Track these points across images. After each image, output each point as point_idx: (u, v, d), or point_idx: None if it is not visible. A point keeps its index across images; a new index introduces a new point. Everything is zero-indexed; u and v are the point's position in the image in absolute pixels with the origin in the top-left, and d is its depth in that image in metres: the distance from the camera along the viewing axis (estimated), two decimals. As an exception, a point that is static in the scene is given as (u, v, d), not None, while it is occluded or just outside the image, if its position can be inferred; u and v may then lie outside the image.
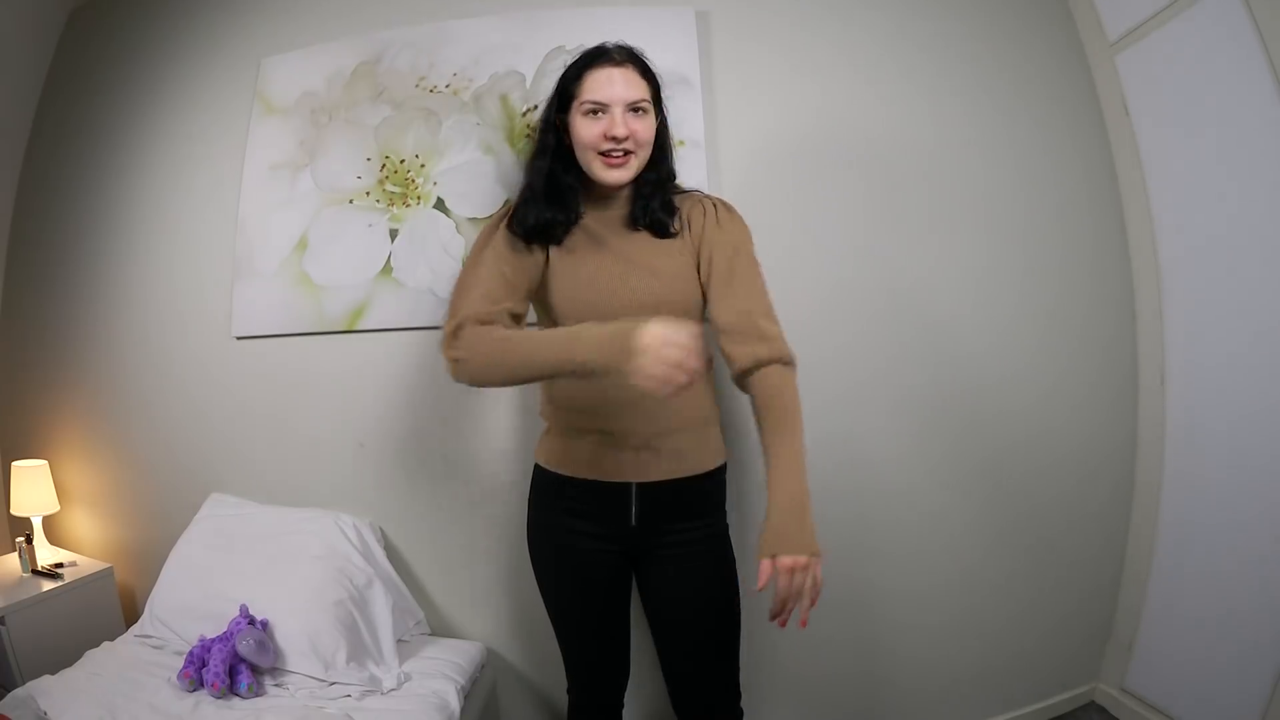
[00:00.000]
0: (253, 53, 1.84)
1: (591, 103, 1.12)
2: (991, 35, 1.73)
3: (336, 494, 1.78)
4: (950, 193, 1.70)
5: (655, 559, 1.23)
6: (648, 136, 1.15)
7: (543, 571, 1.30)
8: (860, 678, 1.74)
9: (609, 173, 1.14)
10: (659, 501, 1.20)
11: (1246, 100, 1.45)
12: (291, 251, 1.75)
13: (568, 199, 1.18)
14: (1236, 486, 1.55)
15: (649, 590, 1.27)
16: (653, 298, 1.14)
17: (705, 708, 1.27)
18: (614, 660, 1.33)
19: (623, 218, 1.20)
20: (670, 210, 1.20)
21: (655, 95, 1.18)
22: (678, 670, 1.27)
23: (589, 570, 1.24)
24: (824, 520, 1.66)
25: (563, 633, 1.32)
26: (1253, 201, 1.48)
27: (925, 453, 1.70)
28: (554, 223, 1.17)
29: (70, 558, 1.92)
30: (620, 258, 1.18)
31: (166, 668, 1.47)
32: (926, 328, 1.68)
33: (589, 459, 1.20)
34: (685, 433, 1.20)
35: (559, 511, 1.24)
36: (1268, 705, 1.45)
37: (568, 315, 1.17)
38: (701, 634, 1.24)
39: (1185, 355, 1.68)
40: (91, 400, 1.97)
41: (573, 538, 1.23)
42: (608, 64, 1.14)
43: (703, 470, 1.22)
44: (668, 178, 1.23)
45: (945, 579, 1.73)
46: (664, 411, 1.15)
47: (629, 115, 1.12)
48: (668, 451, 1.18)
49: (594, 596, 1.26)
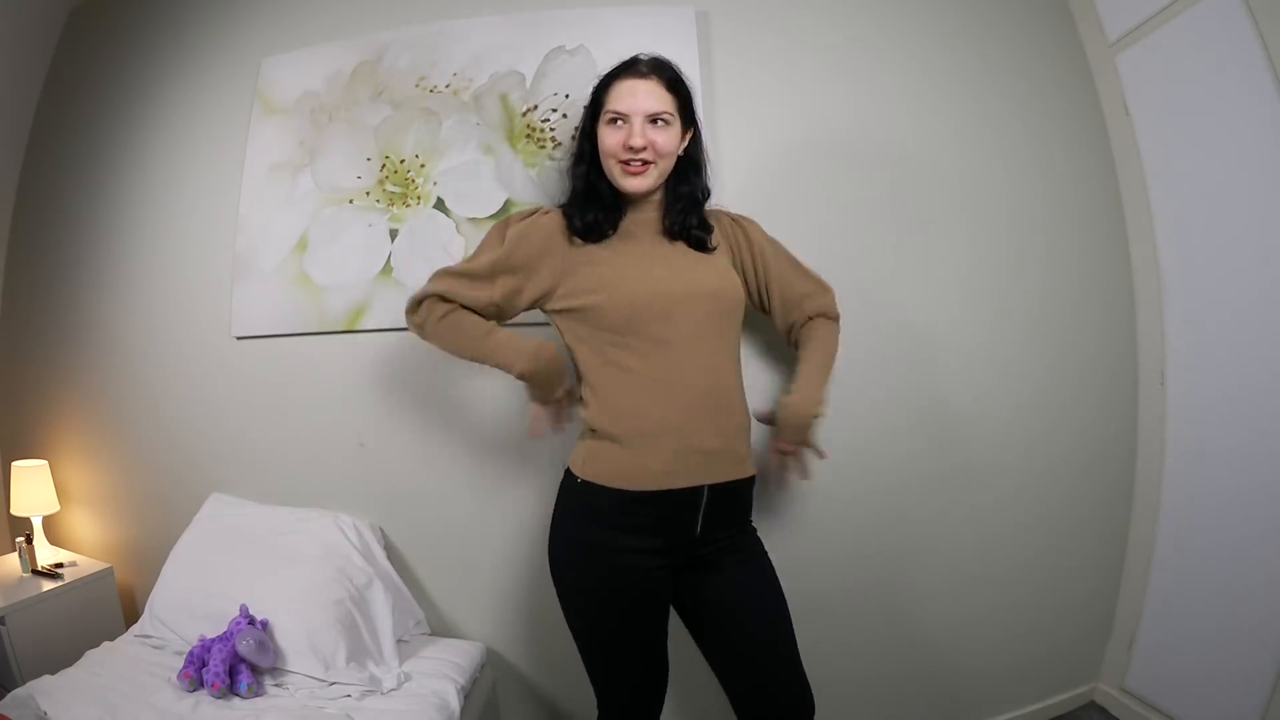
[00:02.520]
0: (253, 53, 1.84)
1: (613, 112, 1.19)
2: (992, 35, 1.73)
3: (336, 494, 1.77)
4: (950, 192, 1.70)
5: (707, 566, 1.21)
6: (668, 148, 1.20)
7: (583, 595, 1.21)
8: (859, 678, 1.73)
9: (627, 180, 1.20)
10: (721, 505, 1.19)
11: (1246, 100, 1.45)
12: (291, 251, 1.75)
13: (606, 201, 1.24)
14: (1236, 486, 1.55)
15: (706, 599, 1.22)
16: (707, 286, 1.20)
17: (783, 705, 1.20)
18: (658, 677, 1.27)
19: (658, 227, 1.26)
20: (707, 229, 1.27)
21: (683, 108, 1.22)
22: (750, 673, 1.20)
23: (646, 586, 1.18)
24: (823, 519, 1.68)
25: (602, 657, 1.24)
26: (1253, 201, 1.48)
27: (923, 453, 1.70)
28: (600, 222, 1.22)
29: (70, 558, 1.92)
30: (665, 255, 1.23)
31: (166, 668, 1.47)
32: (926, 327, 1.68)
33: (664, 468, 1.14)
34: (742, 437, 1.23)
35: (618, 530, 1.16)
36: (1267, 705, 1.45)
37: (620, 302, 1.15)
38: (773, 635, 1.21)
39: (1185, 355, 1.68)
40: (91, 400, 1.97)
41: (632, 556, 1.16)
42: (633, 75, 1.19)
43: (748, 475, 1.25)
44: (703, 195, 1.29)
45: (945, 579, 1.73)
46: (732, 411, 1.21)
47: (649, 126, 1.17)
48: (734, 454, 1.20)
49: (645, 615, 1.20)
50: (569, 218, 1.23)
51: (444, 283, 1.22)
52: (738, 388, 1.24)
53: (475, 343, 1.21)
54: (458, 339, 1.22)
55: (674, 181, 1.26)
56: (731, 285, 1.24)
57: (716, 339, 1.20)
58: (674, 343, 1.15)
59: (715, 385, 1.18)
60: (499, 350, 1.20)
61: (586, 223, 1.21)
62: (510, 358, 1.19)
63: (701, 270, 1.23)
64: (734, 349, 1.24)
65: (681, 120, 1.22)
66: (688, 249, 1.25)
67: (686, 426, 1.15)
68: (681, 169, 1.25)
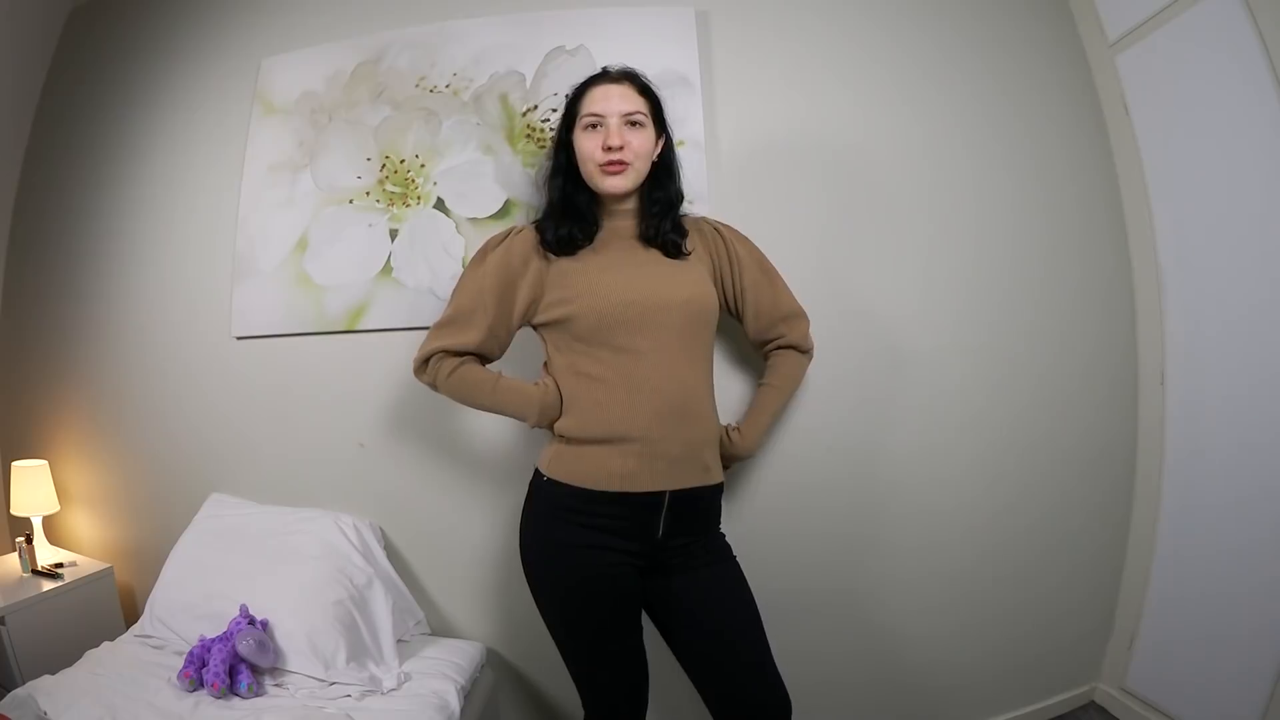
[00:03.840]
0: (253, 53, 1.84)
1: (590, 115, 1.23)
2: (992, 35, 1.73)
3: (336, 494, 1.78)
4: (949, 192, 1.69)
5: (674, 569, 1.22)
6: (643, 148, 1.24)
7: (558, 595, 1.23)
8: (859, 679, 1.73)
9: (607, 181, 1.23)
10: (684, 511, 1.21)
11: (1246, 100, 1.45)
12: (291, 251, 1.75)
13: (584, 213, 1.27)
14: (1236, 486, 1.55)
15: (674, 601, 1.23)
16: (679, 296, 1.21)
17: (754, 706, 1.20)
18: (634, 671, 1.26)
19: (635, 234, 1.28)
20: (681, 232, 1.30)
21: (654, 112, 1.27)
22: (721, 674, 1.21)
23: (611, 582, 1.20)
24: (820, 518, 1.68)
25: (574, 650, 1.25)
26: (1252, 201, 1.48)
27: (922, 453, 1.70)
28: (573, 235, 1.25)
29: (70, 558, 1.92)
30: (640, 265, 1.25)
31: (166, 668, 1.47)
32: (925, 326, 1.68)
33: (623, 471, 1.17)
34: (708, 445, 1.25)
35: (583, 528, 1.19)
36: (1267, 705, 1.45)
37: (590, 313, 1.18)
38: (747, 636, 1.22)
39: (1185, 355, 1.68)
40: (91, 400, 1.97)
41: (595, 553, 1.19)
42: (605, 81, 1.25)
43: (716, 482, 1.27)
44: (677, 199, 1.31)
45: (945, 580, 1.73)
46: (697, 422, 1.22)
47: (625, 128, 1.22)
48: (698, 462, 1.22)
49: (612, 610, 1.22)
50: (542, 232, 1.27)
51: (439, 338, 1.29)
52: (706, 396, 1.26)
53: (484, 397, 1.29)
54: (466, 394, 1.30)
55: (649, 187, 1.29)
56: (704, 295, 1.25)
57: (686, 349, 1.21)
58: (642, 352, 1.18)
59: (682, 394, 1.20)
60: (507, 405, 1.27)
61: (559, 236, 1.25)
62: (520, 410, 1.26)
63: (676, 279, 1.24)
64: (705, 358, 1.25)
65: (654, 125, 1.27)
66: (663, 257, 1.27)
67: (650, 434, 1.17)
68: (656, 175, 1.29)
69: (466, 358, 1.29)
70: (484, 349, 1.29)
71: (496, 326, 1.27)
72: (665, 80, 1.62)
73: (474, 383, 1.28)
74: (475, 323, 1.27)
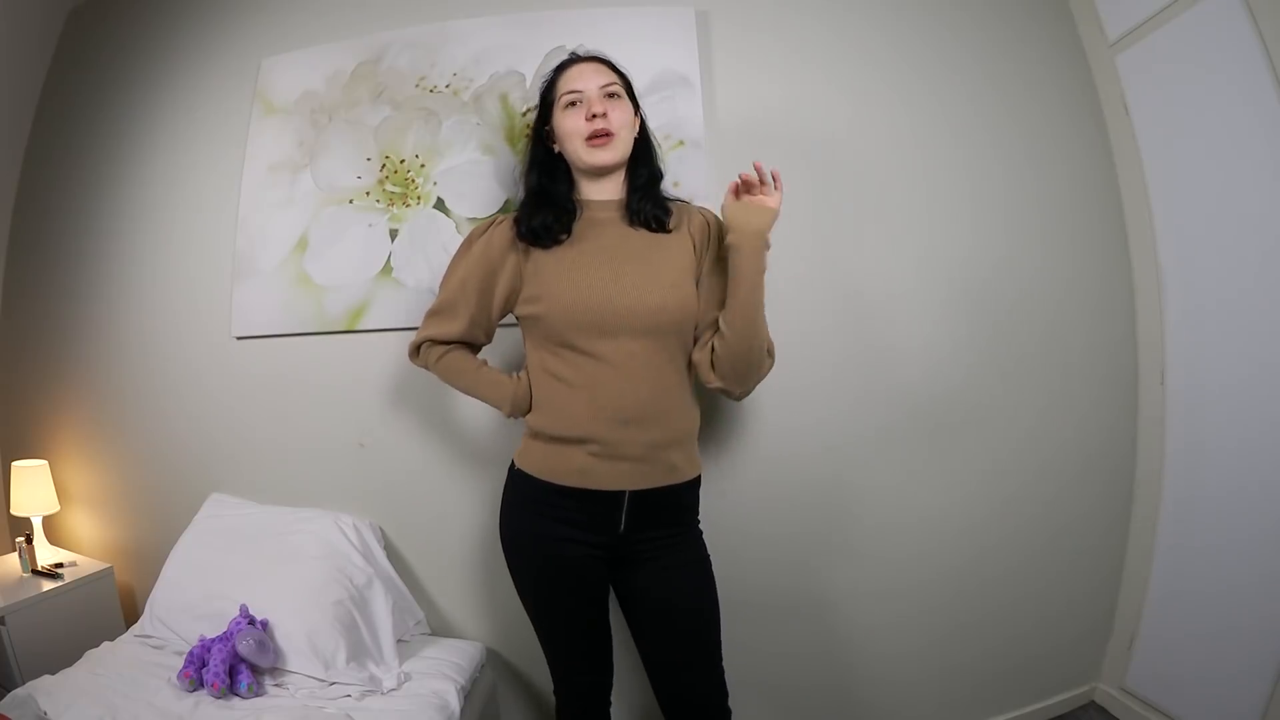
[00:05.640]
0: (253, 53, 1.84)
1: (569, 93, 1.24)
2: (992, 35, 1.73)
3: (336, 494, 1.77)
4: (949, 191, 1.70)
5: (640, 562, 1.25)
6: (624, 119, 1.25)
7: (528, 578, 1.29)
8: (859, 679, 1.73)
9: (595, 154, 1.23)
10: (646, 509, 1.22)
11: (1246, 100, 1.45)
12: (291, 251, 1.75)
13: (559, 204, 1.27)
14: (1236, 486, 1.55)
15: (635, 593, 1.27)
16: (650, 302, 1.19)
17: (695, 705, 1.27)
18: (605, 654, 1.34)
19: (620, 214, 1.28)
20: (664, 208, 1.29)
21: (627, 87, 1.29)
22: (667, 669, 1.28)
23: (580, 572, 1.25)
24: (818, 516, 1.68)
25: (551, 633, 1.32)
26: (1252, 200, 1.48)
27: (922, 452, 1.70)
28: (549, 225, 1.25)
29: (70, 558, 1.92)
30: (618, 258, 1.23)
31: (166, 668, 1.47)
32: (925, 326, 1.69)
33: (581, 469, 1.20)
34: (676, 446, 1.24)
35: (548, 519, 1.24)
36: (1267, 705, 1.45)
37: (557, 315, 1.20)
38: (690, 631, 1.25)
39: (1185, 355, 1.68)
40: (91, 400, 1.97)
41: (561, 545, 1.23)
42: (576, 63, 1.28)
43: (686, 480, 1.26)
44: (658, 175, 1.33)
45: (945, 580, 1.73)
46: (661, 426, 1.21)
47: (604, 99, 1.23)
48: (662, 463, 1.21)
49: (577, 594, 1.27)
50: (518, 223, 1.28)
51: (428, 327, 1.36)
52: (678, 394, 1.24)
53: (465, 381, 1.36)
54: (451, 381, 1.38)
55: (631, 165, 1.30)
56: (678, 301, 1.21)
57: (654, 352, 1.20)
58: (605, 357, 1.18)
59: (647, 398, 1.19)
60: (485, 395, 1.33)
61: (534, 227, 1.25)
62: (496, 400, 1.31)
63: (653, 278, 1.21)
64: (676, 360, 1.23)
65: (630, 99, 1.28)
66: (648, 234, 1.26)
67: (610, 437, 1.18)
68: (635, 152, 1.29)
69: (453, 345, 1.35)
70: (469, 337, 1.34)
71: (478, 317, 1.31)
72: (665, 80, 1.63)
73: (457, 371, 1.36)
74: (458, 314, 1.31)
